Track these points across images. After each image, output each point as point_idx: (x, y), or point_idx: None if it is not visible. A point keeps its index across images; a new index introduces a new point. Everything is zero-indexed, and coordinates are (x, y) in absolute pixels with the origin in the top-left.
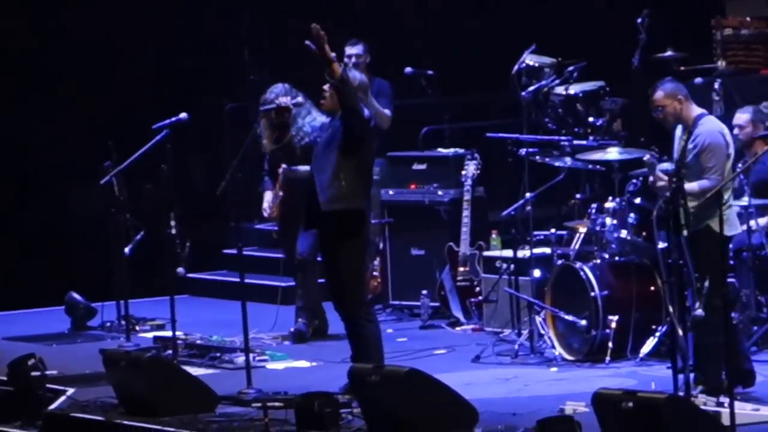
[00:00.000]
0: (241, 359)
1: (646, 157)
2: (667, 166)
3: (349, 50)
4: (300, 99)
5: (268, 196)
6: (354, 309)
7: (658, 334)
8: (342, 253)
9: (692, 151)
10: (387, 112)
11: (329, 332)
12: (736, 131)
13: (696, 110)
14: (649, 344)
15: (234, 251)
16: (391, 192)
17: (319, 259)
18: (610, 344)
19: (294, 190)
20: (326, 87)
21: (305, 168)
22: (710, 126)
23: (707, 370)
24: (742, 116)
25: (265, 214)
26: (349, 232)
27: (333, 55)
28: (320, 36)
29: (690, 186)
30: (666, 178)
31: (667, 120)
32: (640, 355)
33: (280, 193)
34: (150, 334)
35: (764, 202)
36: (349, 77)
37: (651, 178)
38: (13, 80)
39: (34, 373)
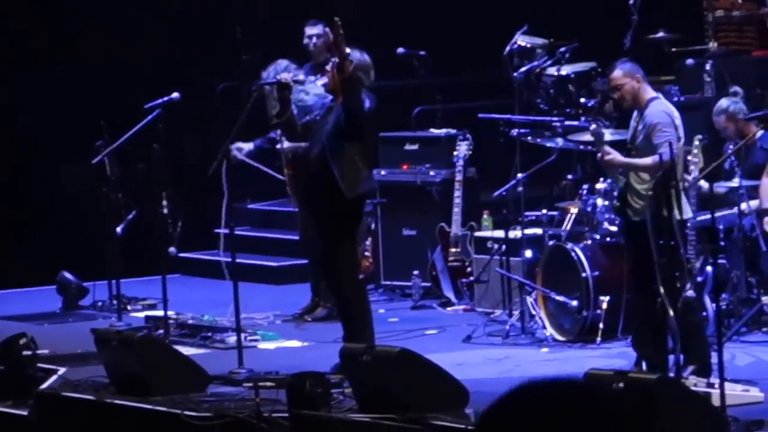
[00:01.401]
0: (232, 339)
1: (593, 126)
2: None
3: (309, 30)
4: (301, 76)
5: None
6: (347, 288)
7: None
8: (340, 233)
9: (641, 132)
10: None
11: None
12: (723, 135)
13: (650, 93)
14: None
15: (226, 231)
16: (383, 172)
17: None
18: (601, 325)
19: (301, 166)
20: (328, 67)
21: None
22: (658, 107)
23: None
24: (719, 119)
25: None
26: (352, 214)
27: (348, 51)
28: (338, 31)
29: (642, 161)
30: (613, 151)
31: (625, 99)
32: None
33: (289, 172)
34: (142, 314)
35: (755, 183)
36: (358, 77)
37: (599, 154)
38: (4, 58)
39: (25, 353)
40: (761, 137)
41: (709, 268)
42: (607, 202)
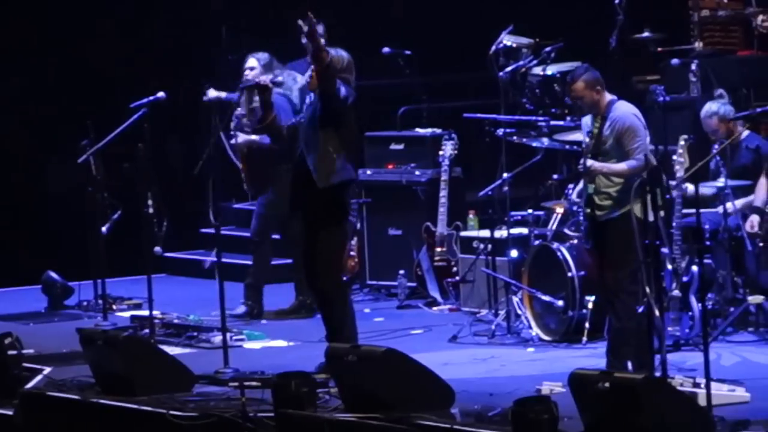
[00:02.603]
0: (218, 338)
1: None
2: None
3: None
4: (280, 78)
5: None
6: (326, 286)
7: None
8: (325, 231)
9: (610, 136)
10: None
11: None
12: (713, 137)
13: (608, 96)
14: None
15: (211, 230)
16: (368, 172)
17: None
18: (587, 325)
19: (256, 160)
20: (311, 66)
21: (248, 138)
22: (624, 109)
23: (620, 353)
24: (711, 121)
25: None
26: (334, 206)
27: (323, 41)
28: (312, 24)
29: (618, 166)
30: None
31: (584, 108)
32: None
33: (245, 167)
34: (127, 314)
35: (740, 183)
36: (334, 64)
37: (583, 164)
38: None
39: (10, 352)
40: (747, 137)
41: (694, 268)
42: None
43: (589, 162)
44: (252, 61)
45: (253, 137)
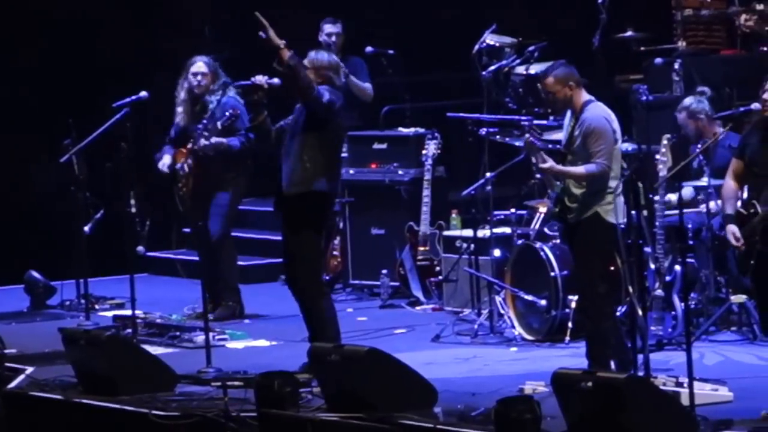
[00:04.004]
0: (200, 338)
1: (526, 136)
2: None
3: (331, 29)
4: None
5: (166, 159)
6: (308, 288)
7: (617, 314)
8: (299, 234)
9: (578, 136)
10: (367, 85)
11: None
12: (683, 132)
13: (585, 96)
14: None
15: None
16: (351, 171)
17: None
18: (570, 324)
19: (205, 166)
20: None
21: (218, 140)
22: (595, 111)
23: (598, 356)
24: (680, 115)
25: (164, 169)
26: (310, 214)
27: (281, 42)
28: (263, 24)
29: (576, 169)
30: (550, 159)
31: (556, 105)
32: None
33: (187, 166)
34: (109, 313)
35: (722, 183)
36: (296, 62)
37: (534, 160)
38: None
39: None
40: (728, 136)
41: (677, 268)
42: None
43: (543, 157)
44: (201, 66)
45: (222, 140)
